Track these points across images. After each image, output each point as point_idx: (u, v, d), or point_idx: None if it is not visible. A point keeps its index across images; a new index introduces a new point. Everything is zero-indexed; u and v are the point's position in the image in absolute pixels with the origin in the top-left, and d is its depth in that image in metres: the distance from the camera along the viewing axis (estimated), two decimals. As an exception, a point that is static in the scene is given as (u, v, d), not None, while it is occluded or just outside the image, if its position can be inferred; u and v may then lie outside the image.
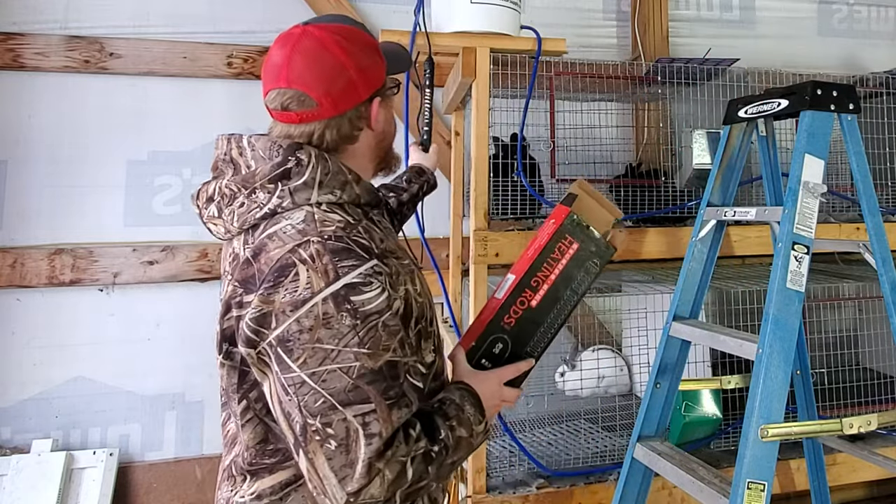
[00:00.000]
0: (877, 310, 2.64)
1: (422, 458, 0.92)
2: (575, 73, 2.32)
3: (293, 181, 0.99)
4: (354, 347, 0.89)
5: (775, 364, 1.48)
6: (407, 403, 0.93)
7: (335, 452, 0.87)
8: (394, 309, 0.95)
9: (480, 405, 1.07)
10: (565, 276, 1.20)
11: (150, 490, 2.70)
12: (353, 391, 0.88)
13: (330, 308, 0.89)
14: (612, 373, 2.62)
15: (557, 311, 1.20)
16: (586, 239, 1.21)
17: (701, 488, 1.57)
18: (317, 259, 0.91)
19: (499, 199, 2.23)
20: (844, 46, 3.71)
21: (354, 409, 0.87)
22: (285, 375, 0.89)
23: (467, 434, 1.02)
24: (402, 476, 0.89)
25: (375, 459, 0.87)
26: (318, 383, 0.88)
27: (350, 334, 0.89)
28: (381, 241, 1.00)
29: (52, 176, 2.71)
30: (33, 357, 2.65)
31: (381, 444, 0.87)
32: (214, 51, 2.86)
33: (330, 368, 0.88)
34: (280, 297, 0.90)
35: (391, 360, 0.92)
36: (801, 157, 1.61)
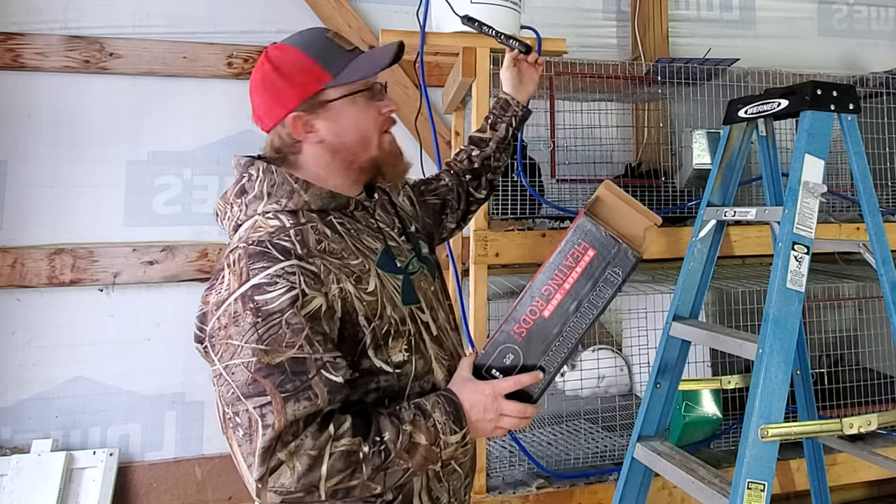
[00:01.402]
0: (877, 310, 2.64)
1: (343, 455, 0.95)
2: (575, 73, 2.32)
3: (248, 195, 1.11)
4: (253, 343, 0.95)
5: (775, 364, 1.48)
6: (309, 398, 0.95)
7: (242, 440, 0.94)
8: (304, 307, 0.98)
9: (459, 415, 1.06)
10: (580, 285, 1.11)
11: (150, 490, 2.70)
12: (252, 384, 0.94)
13: (238, 307, 0.97)
14: (612, 373, 2.62)
15: (574, 325, 1.11)
16: (605, 245, 1.10)
17: (701, 488, 1.57)
18: (236, 263, 1.01)
19: (499, 199, 2.23)
20: (844, 46, 3.71)
21: (253, 402, 0.94)
22: (212, 367, 0.99)
23: (427, 441, 1.02)
24: (315, 469, 0.93)
25: (271, 450, 0.92)
26: (229, 375, 0.96)
27: (250, 331, 0.96)
28: (319, 243, 1.05)
29: (52, 176, 2.71)
30: (33, 357, 2.65)
31: (274, 435, 0.92)
32: (214, 51, 2.86)
33: (235, 363, 0.96)
34: (211, 297, 1.02)
35: (295, 357, 0.96)
36: (801, 157, 1.61)
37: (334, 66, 1.12)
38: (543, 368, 1.12)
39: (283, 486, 0.92)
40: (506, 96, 1.59)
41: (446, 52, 2.14)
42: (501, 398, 1.10)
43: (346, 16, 2.95)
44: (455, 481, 1.17)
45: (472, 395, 1.09)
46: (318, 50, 1.12)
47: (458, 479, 1.18)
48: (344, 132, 1.14)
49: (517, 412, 1.10)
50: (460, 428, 1.06)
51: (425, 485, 1.12)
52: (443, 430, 1.04)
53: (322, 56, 1.12)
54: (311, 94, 1.11)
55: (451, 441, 1.04)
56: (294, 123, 1.12)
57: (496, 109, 1.59)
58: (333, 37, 1.15)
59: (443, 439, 1.03)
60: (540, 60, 1.64)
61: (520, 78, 1.60)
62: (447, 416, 1.05)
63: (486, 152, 1.55)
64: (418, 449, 1.01)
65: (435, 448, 1.03)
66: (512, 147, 1.61)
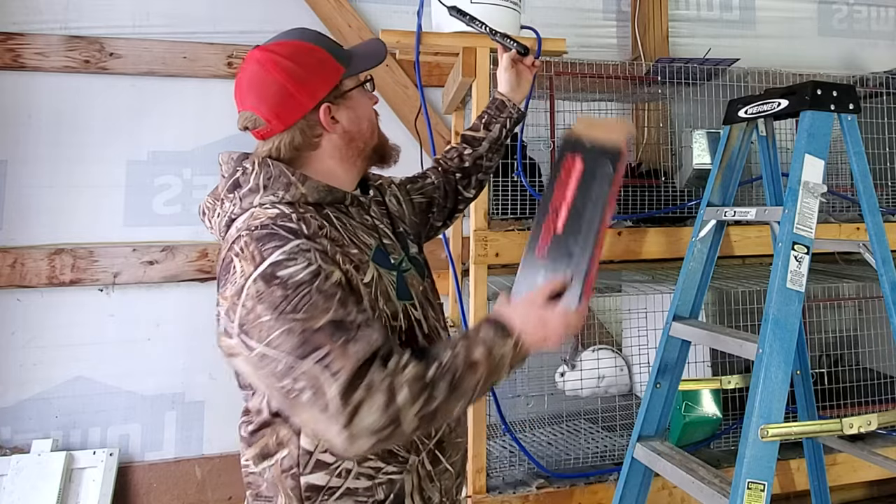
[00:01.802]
0: (877, 310, 2.64)
1: (413, 381, 0.95)
2: (575, 73, 2.32)
3: (242, 188, 1.11)
4: (290, 313, 0.95)
5: (775, 364, 1.48)
6: (363, 337, 0.96)
7: (313, 399, 0.92)
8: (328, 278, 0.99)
9: (502, 326, 1.07)
10: (581, 190, 1.18)
11: (150, 490, 2.70)
12: (304, 345, 0.93)
13: (261, 286, 0.96)
14: (612, 373, 2.62)
15: (587, 227, 1.16)
16: (588, 149, 1.20)
17: (701, 488, 1.58)
18: (245, 249, 1.01)
19: (499, 199, 2.23)
20: (844, 46, 3.71)
21: (312, 358, 0.93)
22: (251, 355, 0.97)
23: (484, 355, 1.03)
24: (393, 401, 0.93)
25: (348, 391, 0.91)
26: (274, 350, 0.94)
27: (283, 304, 0.95)
28: (321, 229, 1.07)
29: (52, 176, 2.71)
30: (33, 357, 2.65)
31: (347, 377, 0.91)
32: (214, 51, 2.86)
33: (277, 335, 0.94)
34: (228, 291, 1.00)
35: (334, 319, 0.96)
36: (801, 157, 1.61)
37: (342, 58, 1.17)
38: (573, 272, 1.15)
39: (370, 424, 0.92)
40: (502, 97, 1.58)
41: (446, 52, 2.14)
42: (539, 304, 1.11)
43: (346, 16, 2.95)
44: (447, 481, 1.18)
45: (518, 308, 1.11)
46: (326, 43, 1.17)
47: (450, 479, 1.19)
48: (359, 121, 1.19)
49: (559, 314, 1.11)
50: (509, 335, 1.06)
51: (417, 485, 1.12)
52: (493, 343, 1.05)
53: (331, 48, 1.17)
54: (335, 85, 1.15)
55: (505, 350, 1.05)
56: (325, 114, 1.14)
57: (491, 109, 1.57)
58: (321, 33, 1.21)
59: (497, 351, 1.05)
60: (537, 63, 1.63)
61: (517, 79, 1.59)
62: (493, 331, 1.06)
63: (479, 151, 1.54)
64: (478, 363, 1.02)
65: (493, 357, 1.04)
66: (504, 148, 1.60)
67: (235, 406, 1.21)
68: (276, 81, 1.11)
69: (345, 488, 1.06)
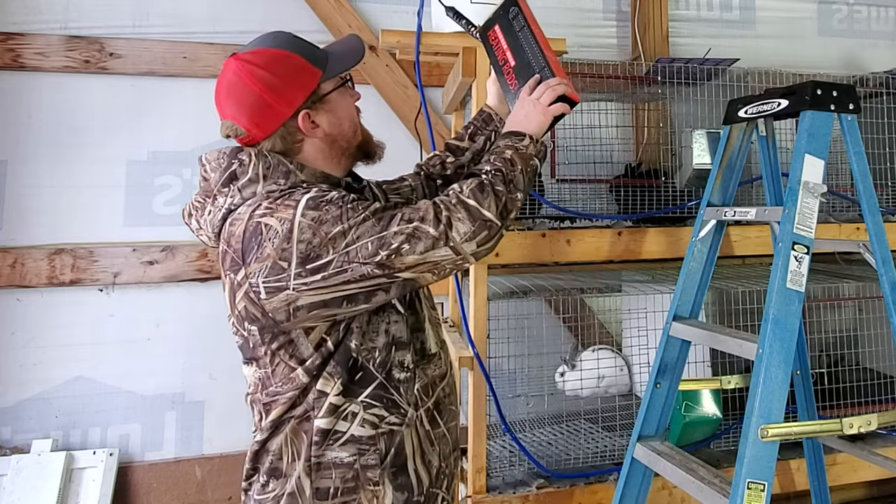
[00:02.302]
0: (877, 310, 2.64)
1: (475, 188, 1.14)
2: (575, 73, 2.32)
3: (241, 180, 1.12)
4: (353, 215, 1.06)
5: (775, 364, 1.48)
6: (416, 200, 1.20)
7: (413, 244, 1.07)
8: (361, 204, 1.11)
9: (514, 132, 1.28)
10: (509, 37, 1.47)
11: (150, 490, 2.70)
12: (381, 221, 1.07)
13: (314, 214, 1.05)
14: (612, 373, 2.62)
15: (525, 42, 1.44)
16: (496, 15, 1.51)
17: (701, 488, 1.57)
18: (272, 206, 1.07)
19: (499, 199, 2.23)
20: (844, 46, 3.71)
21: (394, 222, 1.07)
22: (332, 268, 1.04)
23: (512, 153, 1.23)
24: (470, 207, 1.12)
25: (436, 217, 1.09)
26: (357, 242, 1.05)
27: (344, 213, 1.05)
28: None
29: (52, 176, 2.71)
30: (33, 357, 2.65)
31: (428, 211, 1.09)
32: (214, 51, 2.86)
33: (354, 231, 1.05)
34: (269, 250, 1.04)
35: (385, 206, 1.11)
36: (801, 157, 1.61)
37: (318, 60, 1.18)
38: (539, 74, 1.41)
39: (465, 230, 1.09)
40: (489, 110, 1.60)
41: (446, 52, 2.14)
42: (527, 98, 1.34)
43: (346, 16, 2.95)
44: (444, 447, 1.24)
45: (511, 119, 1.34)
46: (300, 48, 1.18)
47: (447, 445, 1.25)
48: (340, 121, 1.21)
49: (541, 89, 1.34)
50: (524, 135, 1.27)
51: (418, 447, 1.18)
52: (515, 144, 1.25)
53: (306, 53, 1.17)
54: (312, 90, 1.16)
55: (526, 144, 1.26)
56: (304, 121, 1.16)
57: (478, 121, 1.60)
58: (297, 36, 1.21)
59: (521, 148, 1.25)
60: None
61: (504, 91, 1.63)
62: (509, 138, 1.27)
63: (461, 161, 1.57)
64: (514, 160, 1.22)
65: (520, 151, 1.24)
66: None
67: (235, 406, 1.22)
68: (253, 92, 1.12)
69: (349, 434, 1.12)
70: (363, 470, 1.11)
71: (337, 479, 1.10)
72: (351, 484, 1.10)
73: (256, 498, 1.14)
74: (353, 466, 1.11)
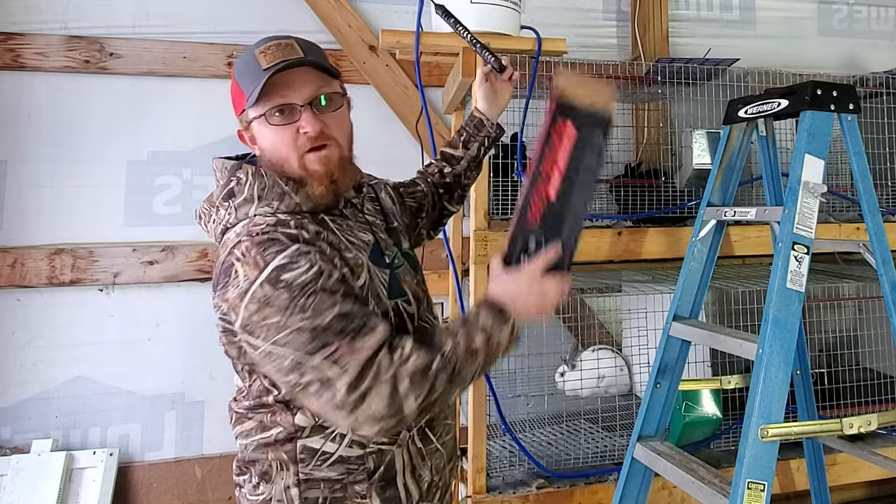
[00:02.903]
0: (877, 310, 2.64)
1: (416, 373, 0.99)
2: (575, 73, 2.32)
3: (237, 198, 1.13)
4: (298, 314, 0.98)
5: (775, 364, 1.48)
6: (371, 329, 1.00)
7: (319, 392, 0.97)
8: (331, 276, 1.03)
9: (502, 311, 1.10)
10: (574, 158, 1.17)
11: (150, 490, 2.70)
12: (313, 341, 0.97)
13: (267, 290, 0.99)
14: (612, 373, 2.62)
15: (578, 194, 1.18)
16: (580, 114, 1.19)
17: (701, 488, 1.58)
18: (247, 254, 1.03)
19: (499, 199, 2.23)
20: (844, 46, 3.71)
21: (321, 354, 0.97)
22: (258, 352, 1.01)
23: (483, 343, 1.07)
24: (397, 391, 0.97)
25: (356, 382, 0.96)
26: (282, 347, 0.98)
27: (290, 306, 0.98)
28: (318, 234, 1.09)
29: (52, 176, 2.70)
30: (33, 357, 2.65)
31: (356, 370, 0.96)
32: (214, 51, 2.86)
33: (285, 335, 0.98)
34: (230, 293, 1.03)
35: (341, 312, 1.00)
36: (801, 157, 1.61)
37: (248, 87, 1.11)
38: (565, 240, 1.18)
39: (376, 411, 0.96)
40: (480, 115, 1.58)
41: (446, 52, 2.14)
42: (538, 277, 1.14)
43: (346, 16, 2.95)
44: (437, 460, 1.21)
45: (510, 286, 1.14)
46: (240, 70, 1.14)
47: (441, 459, 1.22)
48: (265, 152, 1.15)
49: (556, 285, 1.15)
50: (506, 321, 1.10)
51: (408, 463, 1.16)
52: (492, 328, 1.08)
53: (242, 76, 1.13)
54: (239, 114, 1.16)
55: (503, 336, 1.09)
56: (240, 136, 1.19)
57: (469, 127, 1.58)
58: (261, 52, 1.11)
59: (495, 337, 1.08)
60: (515, 76, 1.62)
61: (494, 93, 1.59)
62: (491, 315, 1.09)
63: (457, 170, 1.57)
64: (477, 352, 1.06)
65: (491, 345, 1.08)
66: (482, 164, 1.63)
67: (235, 406, 1.21)
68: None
69: (338, 455, 1.10)
70: (351, 484, 1.11)
71: (325, 490, 1.10)
72: (339, 494, 1.10)
73: (249, 498, 1.15)
74: (342, 482, 1.10)
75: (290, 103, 1.11)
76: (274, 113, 1.11)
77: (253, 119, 1.13)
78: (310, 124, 1.11)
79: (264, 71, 1.09)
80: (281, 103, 1.10)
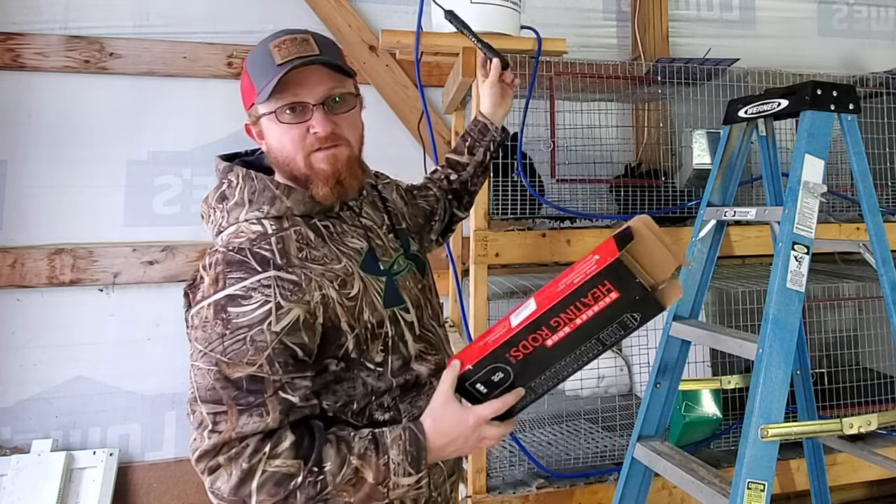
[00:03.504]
0: (877, 310, 2.64)
1: (275, 475, 0.95)
2: (575, 73, 2.32)
3: (229, 201, 1.12)
4: (217, 354, 0.97)
5: (775, 364, 1.48)
6: (261, 414, 0.96)
7: (196, 433, 0.98)
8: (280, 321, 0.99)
9: (419, 457, 1.02)
10: (593, 324, 0.99)
11: (150, 490, 2.70)
12: (211, 391, 0.97)
13: (210, 314, 0.99)
14: (612, 373, 2.62)
15: (574, 358, 1.03)
16: (630, 290, 0.97)
17: (701, 488, 1.57)
18: (213, 267, 1.03)
19: (499, 199, 2.23)
20: (844, 46, 3.71)
21: (209, 407, 0.97)
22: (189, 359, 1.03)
23: (374, 480, 0.99)
24: (246, 483, 0.95)
25: (213, 453, 0.96)
26: (194, 374, 1.00)
27: (217, 342, 0.98)
28: (300, 251, 1.06)
29: (52, 176, 2.71)
30: (33, 357, 2.65)
31: (219, 441, 0.95)
32: (214, 51, 2.86)
33: (199, 365, 0.99)
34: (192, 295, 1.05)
35: (254, 375, 0.97)
36: (801, 157, 1.61)
37: (260, 82, 1.08)
38: (533, 389, 1.06)
39: (220, 490, 0.96)
40: (484, 120, 1.57)
41: (446, 52, 2.14)
42: (484, 424, 1.05)
43: (346, 16, 2.95)
44: (437, 476, 1.15)
45: (451, 426, 1.04)
46: (254, 63, 1.11)
47: (441, 474, 1.17)
48: (271, 149, 1.13)
49: (497, 435, 1.07)
50: (416, 471, 1.02)
51: None
52: (395, 470, 1.00)
53: (254, 70, 1.10)
54: (248, 108, 1.14)
55: (402, 483, 1.01)
56: (247, 130, 1.17)
57: (474, 132, 1.57)
58: (275, 46, 1.08)
59: (393, 480, 1.00)
60: (516, 81, 1.61)
61: (502, 97, 1.58)
62: (405, 456, 1.01)
63: (464, 176, 1.56)
64: (363, 485, 0.99)
65: (382, 488, 1.00)
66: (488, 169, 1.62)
67: (235, 406, 1.21)
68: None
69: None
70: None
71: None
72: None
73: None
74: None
75: (302, 102, 1.08)
76: (285, 111, 1.08)
77: (262, 115, 1.11)
78: (321, 125, 1.08)
79: (278, 67, 1.06)
80: (293, 101, 1.08)
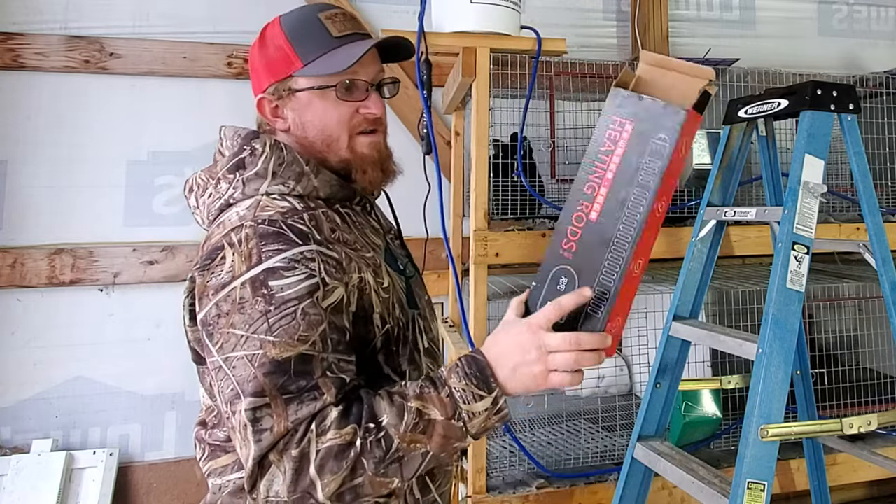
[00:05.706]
0: (877, 310, 2.64)
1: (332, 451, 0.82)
2: (575, 73, 2.32)
3: (247, 171, 1.00)
4: (262, 334, 0.85)
5: (775, 364, 1.48)
6: (314, 397, 0.84)
7: (240, 442, 0.85)
8: (326, 297, 0.89)
9: (484, 376, 0.88)
10: (625, 169, 0.86)
11: (150, 490, 2.70)
12: (252, 381, 0.84)
13: (247, 292, 0.87)
14: (612, 373, 2.62)
15: (627, 219, 0.87)
16: (643, 111, 0.85)
17: (701, 488, 1.57)
18: (244, 242, 0.90)
19: (499, 199, 2.23)
20: (844, 46, 3.71)
21: (250, 402, 0.83)
22: (210, 359, 0.89)
23: (444, 416, 0.85)
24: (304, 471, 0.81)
25: (266, 456, 0.82)
26: (230, 370, 0.85)
27: (260, 320, 0.85)
28: (333, 231, 0.97)
29: (52, 176, 2.71)
30: (33, 357, 2.65)
31: (272, 440, 0.82)
32: (214, 51, 2.86)
33: (237, 355, 0.85)
34: (206, 279, 0.90)
35: (305, 354, 0.85)
36: (801, 157, 1.61)
37: (309, 52, 1.01)
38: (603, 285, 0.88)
39: (279, 494, 0.82)
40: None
41: (446, 52, 2.13)
42: (543, 332, 0.87)
43: (346, 16, 2.94)
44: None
45: (505, 341, 0.90)
46: (300, 32, 1.02)
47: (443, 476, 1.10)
48: (307, 126, 1.04)
49: (566, 343, 0.87)
50: (488, 391, 0.87)
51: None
52: (463, 398, 0.86)
53: (301, 39, 1.01)
54: (279, 79, 1.03)
55: (477, 409, 0.86)
56: (260, 106, 1.06)
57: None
58: (328, 18, 1.02)
59: (465, 409, 0.86)
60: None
61: None
62: (468, 381, 0.87)
63: None
64: (434, 427, 0.85)
65: (456, 421, 0.86)
66: None
67: (235, 406, 1.20)
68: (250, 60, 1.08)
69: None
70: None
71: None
72: None
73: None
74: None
75: (362, 80, 1.03)
76: (345, 85, 1.01)
77: (304, 88, 1.02)
78: (376, 106, 1.04)
79: (336, 39, 1.00)
80: (353, 78, 1.01)
